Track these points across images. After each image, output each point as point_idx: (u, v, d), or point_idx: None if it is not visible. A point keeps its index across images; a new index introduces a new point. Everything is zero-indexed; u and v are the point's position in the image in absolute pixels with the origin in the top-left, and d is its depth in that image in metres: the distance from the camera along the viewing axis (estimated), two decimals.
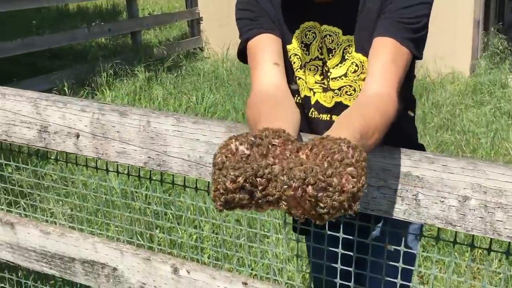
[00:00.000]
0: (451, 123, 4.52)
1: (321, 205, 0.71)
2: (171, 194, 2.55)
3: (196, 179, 1.30)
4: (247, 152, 0.76)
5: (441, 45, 5.48)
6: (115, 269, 1.43)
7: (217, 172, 0.74)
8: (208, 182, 1.29)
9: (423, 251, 1.97)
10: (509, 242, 1.00)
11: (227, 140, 0.79)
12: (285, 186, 0.72)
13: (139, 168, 1.34)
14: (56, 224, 1.68)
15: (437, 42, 5.49)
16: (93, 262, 1.46)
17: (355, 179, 0.72)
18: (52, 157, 1.52)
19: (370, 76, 1.08)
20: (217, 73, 6.16)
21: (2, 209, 1.64)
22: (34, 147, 1.42)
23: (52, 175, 2.91)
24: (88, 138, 1.34)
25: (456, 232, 1.06)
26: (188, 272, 1.34)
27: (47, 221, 1.69)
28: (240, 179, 0.72)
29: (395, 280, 1.12)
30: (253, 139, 0.78)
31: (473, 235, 1.03)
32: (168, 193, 3.03)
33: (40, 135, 1.40)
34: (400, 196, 1.06)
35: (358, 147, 0.76)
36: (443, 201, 1.02)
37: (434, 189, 1.03)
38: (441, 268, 2.49)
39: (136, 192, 2.77)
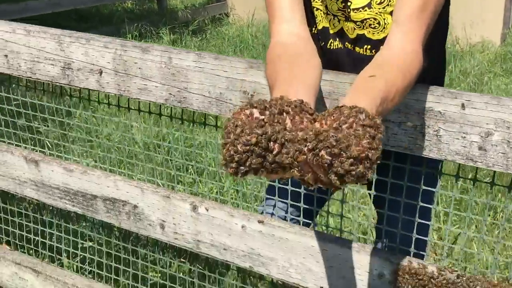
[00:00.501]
0: (478, 89, 4.43)
1: (334, 170, 0.69)
2: (192, 146, 2.56)
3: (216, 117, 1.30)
4: (261, 117, 0.75)
5: (472, 13, 5.34)
6: (135, 206, 1.46)
7: (229, 135, 0.73)
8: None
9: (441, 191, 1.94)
10: None
11: (241, 106, 0.77)
12: (298, 152, 0.71)
13: (160, 106, 1.35)
14: None
15: (467, 9, 5.35)
16: (114, 200, 1.49)
17: (370, 147, 0.70)
18: (75, 95, 1.54)
19: (395, 24, 1.02)
20: (242, 37, 6.12)
21: (26, 147, 1.67)
22: (58, 84, 1.44)
23: (77, 128, 2.95)
24: (110, 75, 1.35)
25: (476, 169, 1.05)
26: (207, 210, 1.35)
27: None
28: (253, 142, 0.71)
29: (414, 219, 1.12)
30: (268, 106, 0.76)
31: (494, 172, 1.02)
32: (189, 146, 3.06)
33: (63, 72, 1.42)
34: (421, 132, 1.05)
35: (376, 118, 0.74)
36: (464, 137, 1.01)
37: (456, 124, 1.01)
38: (459, 208, 2.47)
39: (159, 146, 2.80)
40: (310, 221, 1.35)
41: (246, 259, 1.33)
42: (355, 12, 1.13)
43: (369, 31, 1.15)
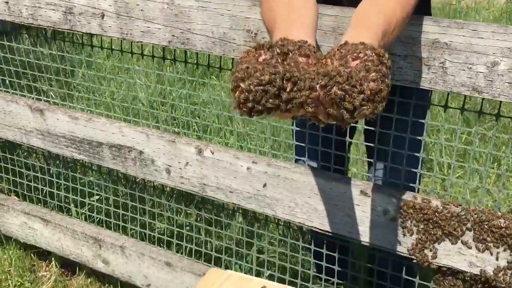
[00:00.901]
0: None
1: (346, 106, 0.70)
2: (196, 104, 2.56)
3: (220, 58, 1.30)
4: (270, 59, 0.75)
5: None
6: (141, 152, 1.47)
7: (241, 77, 0.72)
8: (232, 62, 1.29)
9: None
10: None
11: (248, 49, 0.77)
12: (310, 89, 0.71)
13: (164, 48, 1.34)
14: None
15: None
16: (120, 146, 1.49)
17: (379, 81, 0.70)
18: (77, 41, 1.53)
19: None
20: None
21: (31, 97, 1.67)
22: (60, 29, 1.43)
23: (80, 87, 2.95)
24: (112, 18, 1.34)
25: (482, 100, 1.04)
26: (212, 153, 1.36)
27: None
28: (266, 80, 0.71)
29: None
30: (274, 47, 0.76)
31: (500, 102, 1.02)
32: (193, 104, 3.06)
33: (65, 17, 1.40)
34: (427, 65, 1.04)
35: (382, 51, 0.74)
36: (470, 68, 1.00)
37: (462, 55, 1.00)
38: (463, 161, 2.48)
39: (163, 104, 2.79)
40: (342, 168, 1.36)
41: (252, 200, 1.35)
42: None
43: None
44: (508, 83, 0.98)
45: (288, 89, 0.71)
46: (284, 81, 0.71)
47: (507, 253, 1.07)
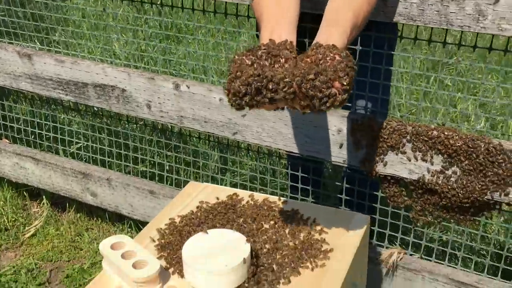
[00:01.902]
0: None
1: (318, 98, 0.89)
2: (172, 60, 2.72)
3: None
4: (255, 61, 0.95)
5: None
6: (123, 90, 1.62)
7: (231, 77, 0.91)
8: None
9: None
10: (461, 32, 1.17)
11: (241, 52, 0.97)
12: (287, 87, 0.89)
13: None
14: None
15: None
16: (104, 86, 1.65)
17: (343, 77, 0.89)
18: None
19: None
20: None
21: (19, 43, 1.81)
22: None
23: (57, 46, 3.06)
24: None
25: (417, 28, 1.22)
26: (188, 87, 1.52)
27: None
28: (250, 82, 0.89)
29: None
30: (258, 52, 0.96)
31: (431, 28, 1.20)
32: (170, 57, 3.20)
33: None
34: None
35: (347, 54, 0.92)
36: (406, 0, 1.18)
37: None
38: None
39: (141, 59, 2.92)
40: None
41: (224, 128, 1.52)
42: None
43: None
44: (436, 11, 1.16)
45: (269, 87, 0.91)
46: (265, 81, 0.91)
47: (439, 158, 1.27)
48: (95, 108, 1.79)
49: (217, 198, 1.29)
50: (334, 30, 0.99)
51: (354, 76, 0.91)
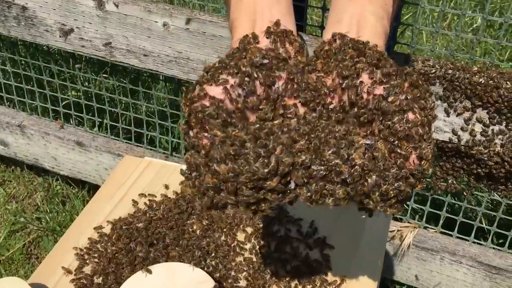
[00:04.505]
0: None
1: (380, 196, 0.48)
2: None
3: None
4: (231, 106, 0.52)
5: None
6: (24, 8, 1.13)
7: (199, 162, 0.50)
8: None
9: None
10: None
11: (200, 87, 0.52)
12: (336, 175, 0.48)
13: None
14: None
15: None
16: None
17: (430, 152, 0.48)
18: None
19: None
20: None
21: None
22: None
23: None
24: None
25: None
26: (117, 6, 1.06)
27: None
28: (231, 179, 0.47)
29: None
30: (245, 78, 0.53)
31: None
32: None
33: None
34: None
35: (426, 89, 0.50)
36: None
37: None
38: None
39: None
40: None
41: (173, 65, 1.08)
42: None
43: None
44: None
45: (270, 187, 0.49)
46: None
47: (481, 114, 0.90)
48: None
49: (166, 187, 0.89)
50: (366, 3, 0.55)
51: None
